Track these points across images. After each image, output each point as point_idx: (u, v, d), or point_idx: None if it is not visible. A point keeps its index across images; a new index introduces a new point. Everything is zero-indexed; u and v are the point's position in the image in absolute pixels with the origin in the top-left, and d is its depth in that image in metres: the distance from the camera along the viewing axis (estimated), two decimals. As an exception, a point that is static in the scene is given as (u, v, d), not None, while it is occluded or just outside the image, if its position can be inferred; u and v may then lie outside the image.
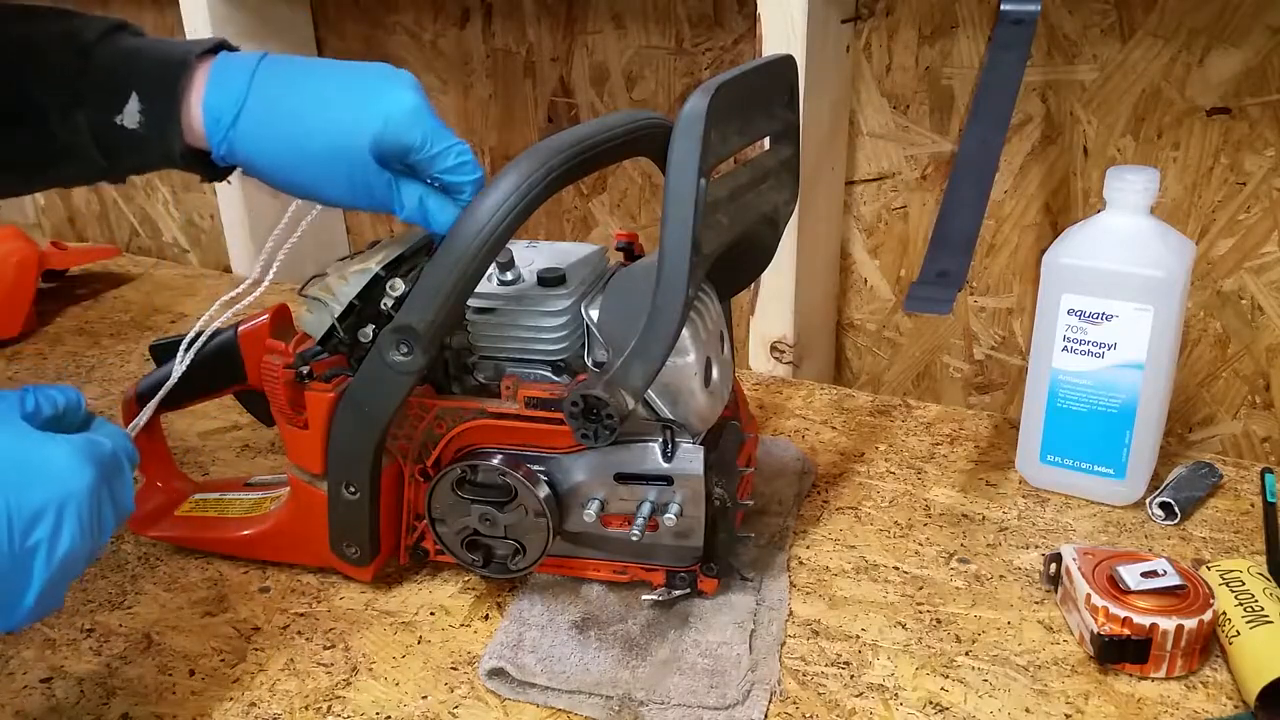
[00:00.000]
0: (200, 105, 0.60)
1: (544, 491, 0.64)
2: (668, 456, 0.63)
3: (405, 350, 0.60)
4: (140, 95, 0.60)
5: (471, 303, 0.64)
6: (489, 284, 0.65)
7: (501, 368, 0.66)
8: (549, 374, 0.65)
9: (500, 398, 0.65)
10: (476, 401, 0.66)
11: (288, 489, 0.71)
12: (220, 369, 0.72)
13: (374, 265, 0.65)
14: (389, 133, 0.59)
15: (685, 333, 0.61)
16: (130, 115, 0.60)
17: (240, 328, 0.72)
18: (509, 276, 0.65)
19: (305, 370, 0.65)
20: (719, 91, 0.54)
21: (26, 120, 0.60)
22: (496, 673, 0.62)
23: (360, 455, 0.64)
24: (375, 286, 0.65)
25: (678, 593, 0.66)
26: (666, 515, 0.63)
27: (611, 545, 0.67)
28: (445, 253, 0.58)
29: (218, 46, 0.63)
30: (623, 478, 0.64)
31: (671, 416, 0.63)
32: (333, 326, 0.65)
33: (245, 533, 0.73)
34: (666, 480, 0.63)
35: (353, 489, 0.66)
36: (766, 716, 0.58)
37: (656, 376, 0.57)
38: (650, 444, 0.63)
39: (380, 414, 0.63)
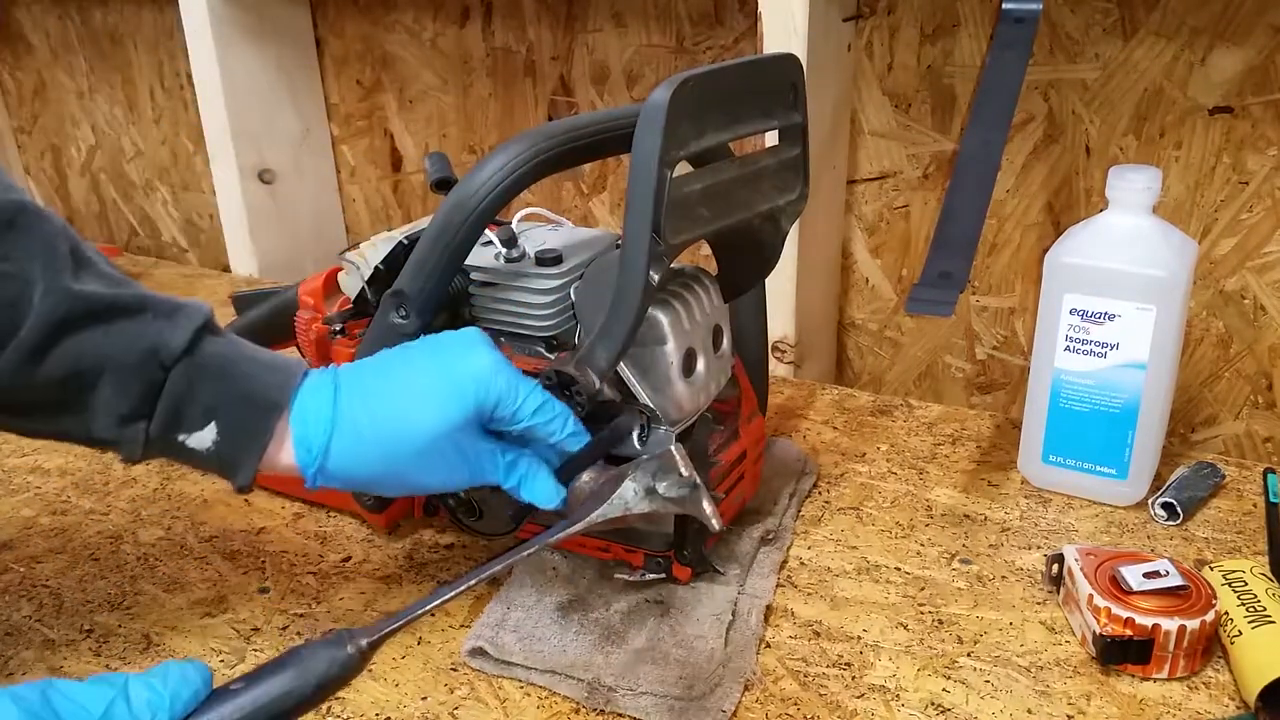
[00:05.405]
0: (286, 445, 0.57)
1: None
2: (642, 440, 0.64)
3: (402, 314, 0.63)
4: (220, 428, 0.56)
5: (475, 276, 0.67)
6: (494, 259, 0.67)
7: (500, 340, 0.68)
8: (542, 350, 0.67)
9: None
10: None
11: None
12: (282, 323, 0.78)
13: (399, 234, 0.69)
14: (482, 394, 0.57)
15: (664, 320, 0.62)
16: (201, 439, 0.56)
17: (300, 286, 0.76)
18: (515, 254, 0.67)
19: (338, 327, 0.70)
20: (683, 85, 0.55)
21: (80, 411, 0.55)
22: (477, 652, 0.63)
23: None
24: (398, 255, 0.68)
25: (651, 576, 0.68)
26: None
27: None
28: (433, 226, 0.61)
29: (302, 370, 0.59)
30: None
31: (650, 403, 0.64)
32: (363, 289, 0.69)
33: None
34: None
35: None
36: (738, 708, 0.59)
37: (619, 359, 0.59)
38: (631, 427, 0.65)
39: None
